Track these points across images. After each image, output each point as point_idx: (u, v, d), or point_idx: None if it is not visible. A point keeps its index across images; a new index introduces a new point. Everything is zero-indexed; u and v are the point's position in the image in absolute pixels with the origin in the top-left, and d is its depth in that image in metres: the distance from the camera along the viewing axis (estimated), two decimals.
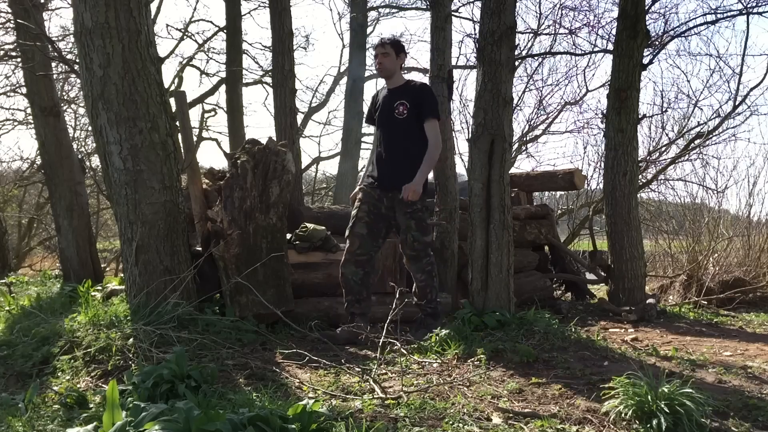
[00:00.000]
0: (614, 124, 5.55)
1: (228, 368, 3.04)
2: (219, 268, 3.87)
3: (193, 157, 4.25)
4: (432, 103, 4.03)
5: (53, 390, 2.83)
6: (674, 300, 6.41)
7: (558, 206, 9.73)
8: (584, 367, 3.23)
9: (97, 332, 3.27)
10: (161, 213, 3.58)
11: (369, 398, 2.63)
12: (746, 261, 6.65)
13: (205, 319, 3.52)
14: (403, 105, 3.99)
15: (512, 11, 4.14)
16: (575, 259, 6.38)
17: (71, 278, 6.35)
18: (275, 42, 6.55)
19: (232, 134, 10.03)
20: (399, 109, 4.00)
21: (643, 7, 5.54)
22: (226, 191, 3.86)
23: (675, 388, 2.41)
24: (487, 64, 4.13)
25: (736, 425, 2.43)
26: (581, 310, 5.48)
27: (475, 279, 4.15)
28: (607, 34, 8.11)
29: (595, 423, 2.43)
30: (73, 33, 3.70)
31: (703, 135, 8.01)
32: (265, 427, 2.01)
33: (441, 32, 5.49)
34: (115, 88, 3.45)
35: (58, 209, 6.75)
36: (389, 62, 4.05)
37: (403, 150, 4.00)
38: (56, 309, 4.41)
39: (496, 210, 4.09)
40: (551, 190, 7.96)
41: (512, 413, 2.52)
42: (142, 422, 2.04)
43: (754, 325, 5.05)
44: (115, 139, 3.49)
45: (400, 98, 4.02)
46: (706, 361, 3.54)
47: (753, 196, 7.13)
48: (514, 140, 7.67)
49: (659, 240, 8.13)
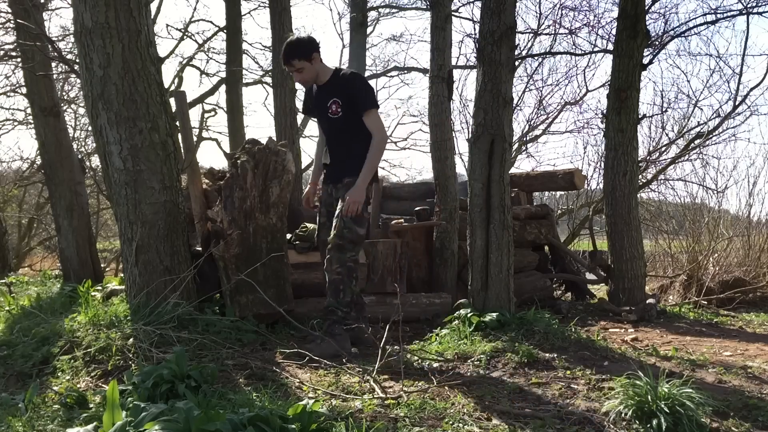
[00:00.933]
0: (614, 124, 5.56)
1: (228, 368, 3.04)
2: (219, 268, 3.87)
3: (193, 157, 4.25)
4: (365, 93, 3.63)
5: (53, 390, 2.83)
6: (674, 300, 6.41)
7: (558, 206, 9.73)
8: (584, 367, 3.23)
9: (97, 332, 3.27)
10: (161, 213, 3.58)
11: (369, 398, 2.63)
12: (746, 261, 6.66)
13: (205, 319, 3.52)
14: (335, 103, 3.66)
15: (512, 11, 4.14)
16: (575, 259, 6.38)
17: (71, 278, 6.35)
18: (275, 42, 6.56)
19: (232, 134, 10.03)
20: (332, 109, 3.68)
21: (643, 7, 5.54)
22: (226, 191, 3.86)
23: (675, 388, 2.41)
24: (487, 64, 4.13)
25: (736, 425, 2.43)
26: (581, 310, 5.48)
27: (475, 279, 4.15)
28: (607, 34, 8.13)
29: (595, 423, 2.43)
30: (73, 33, 3.70)
31: (703, 135, 8.01)
32: (265, 427, 2.01)
33: (441, 32, 5.51)
34: (115, 88, 3.45)
35: (58, 209, 6.75)
36: (307, 73, 3.66)
37: (346, 149, 3.71)
38: (56, 309, 4.41)
39: (496, 210, 4.09)
40: (551, 190, 7.97)
41: (512, 413, 2.52)
42: (142, 422, 2.04)
43: (754, 325, 5.05)
44: (115, 139, 3.49)
45: (331, 95, 3.68)
46: (706, 361, 3.54)
47: (753, 196, 7.15)
48: (514, 140, 7.67)
49: (659, 240, 8.14)
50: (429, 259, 5.53)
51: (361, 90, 3.64)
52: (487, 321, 3.84)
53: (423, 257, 5.51)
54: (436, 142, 5.60)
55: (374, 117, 3.61)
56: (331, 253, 3.60)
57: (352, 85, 3.65)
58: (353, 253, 3.61)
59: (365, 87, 3.71)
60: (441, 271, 5.42)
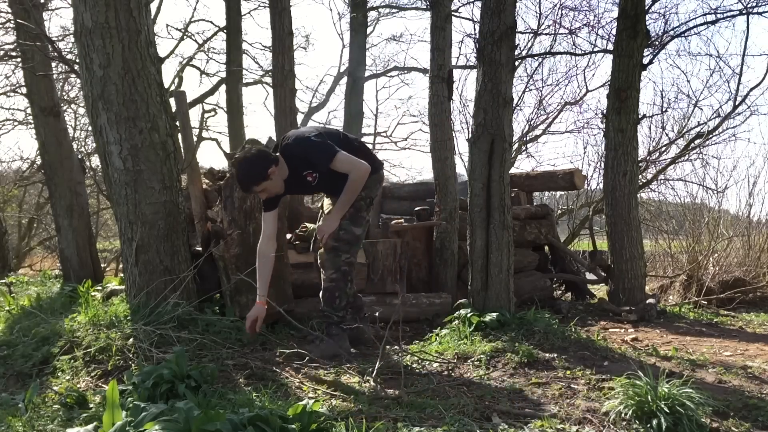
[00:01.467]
0: (614, 124, 5.55)
1: (228, 368, 3.04)
2: (219, 268, 3.87)
3: (193, 157, 4.25)
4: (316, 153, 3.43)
5: (53, 390, 2.83)
6: (674, 300, 6.41)
7: (558, 206, 9.73)
8: (584, 367, 3.23)
9: (97, 332, 3.27)
10: (161, 213, 3.58)
11: (369, 398, 2.63)
12: (746, 261, 6.66)
13: (205, 319, 3.52)
14: (307, 173, 3.51)
15: (512, 11, 4.14)
16: (575, 259, 6.38)
17: (71, 278, 6.36)
18: (275, 42, 6.56)
19: (232, 134, 10.04)
20: (309, 180, 3.53)
21: (643, 7, 5.54)
22: (226, 191, 3.86)
23: (675, 388, 2.41)
24: (487, 64, 4.13)
25: (736, 425, 2.43)
26: (581, 310, 5.48)
27: (475, 279, 4.15)
28: (607, 34, 8.12)
29: (595, 423, 2.43)
30: (73, 33, 3.70)
31: (703, 135, 8.01)
32: (265, 427, 2.01)
33: (441, 32, 5.50)
34: (115, 88, 3.45)
35: (58, 209, 6.75)
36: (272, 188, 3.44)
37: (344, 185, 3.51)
38: (56, 309, 4.41)
39: (496, 210, 4.09)
40: (551, 190, 7.96)
41: (512, 413, 2.52)
42: (142, 422, 2.04)
43: (754, 325, 5.05)
44: (115, 139, 3.49)
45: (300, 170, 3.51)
46: (706, 361, 3.54)
47: (753, 196, 7.15)
48: (514, 140, 7.66)
49: (659, 240, 8.15)
50: (429, 259, 5.53)
51: (311, 152, 3.43)
52: (487, 321, 3.84)
53: (423, 257, 5.51)
54: (436, 142, 5.60)
55: (340, 161, 3.41)
56: (326, 256, 3.56)
57: (303, 153, 3.45)
58: (348, 255, 3.56)
59: (313, 145, 3.44)
60: (441, 271, 5.42)
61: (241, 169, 3.38)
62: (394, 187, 7.34)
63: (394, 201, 6.82)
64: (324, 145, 3.45)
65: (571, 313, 5.24)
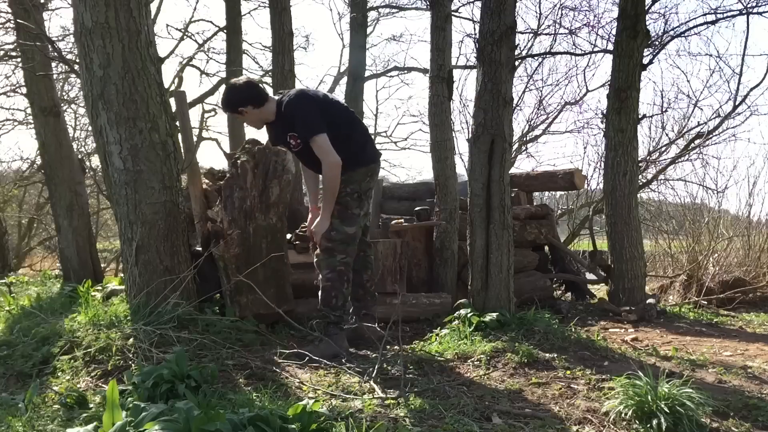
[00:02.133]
0: (614, 124, 5.56)
1: (228, 368, 3.04)
2: (219, 268, 3.87)
3: (193, 157, 4.25)
4: (302, 123, 3.42)
5: (53, 390, 2.83)
6: (674, 300, 6.41)
7: (558, 206, 9.74)
8: (584, 367, 3.23)
9: (97, 332, 3.27)
10: (161, 213, 3.58)
11: (369, 398, 2.63)
12: (746, 261, 6.66)
13: (205, 319, 3.52)
14: (291, 137, 3.52)
15: (512, 11, 4.14)
16: (575, 259, 6.38)
17: (71, 278, 6.35)
18: (275, 42, 6.57)
19: (232, 134, 10.03)
20: (292, 143, 3.55)
21: (643, 7, 5.55)
22: (226, 191, 3.86)
23: (675, 388, 2.41)
24: (487, 64, 4.13)
25: (736, 425, 2.43)
26: (581, 310, 5.48)
27: (475, 279, 4.15)
28: (607, 34, 8.13)
29: (595, 423, 2.43)
30: (73, 33, 3.69)
31: (703, 135, 8.02)
32: (265, 427, 2.01)
33: (441, 32, 5.51)
34: (115, 88, 3.45)
35: (58, 209, 6.75)
36: (252, 119, 3.54)
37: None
38: (56, 309, 4.41)
39: (496, 210, 4.09)
40: (551, 190, 7.96)
41: (512, 413, 2.52)
42: (142, 422, 2.04)
43: (754, 325, 5.05)
44: (115, 139, 3.49)
45: (285, 130, 3.52)
46: (706, 361, 3.54)
47: (753, 196, 7.16)
48: (514, 140, 7.68)
49: (659, 240, 8.15)
50: (429, 259, 5.54)
51: (298, 120, 3.42)
52: (487, 321, 3.84)
53: (423, 257, 5.51)
54: (436, 142, 5.60)
55: (317, 144, 3.38)
56: (321, 257, 3.58)
57: (292, 117, 3.45)
58: (344, 255, 3.56)
59: (303, 115, 3.42)
60: (441, 271, 5.42)
61: (224, 92, 3.64)
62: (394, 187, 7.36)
63: (394, 201, 6.82)
64: (312, 119, 3.41)
65: (571, 313, 5.24)
